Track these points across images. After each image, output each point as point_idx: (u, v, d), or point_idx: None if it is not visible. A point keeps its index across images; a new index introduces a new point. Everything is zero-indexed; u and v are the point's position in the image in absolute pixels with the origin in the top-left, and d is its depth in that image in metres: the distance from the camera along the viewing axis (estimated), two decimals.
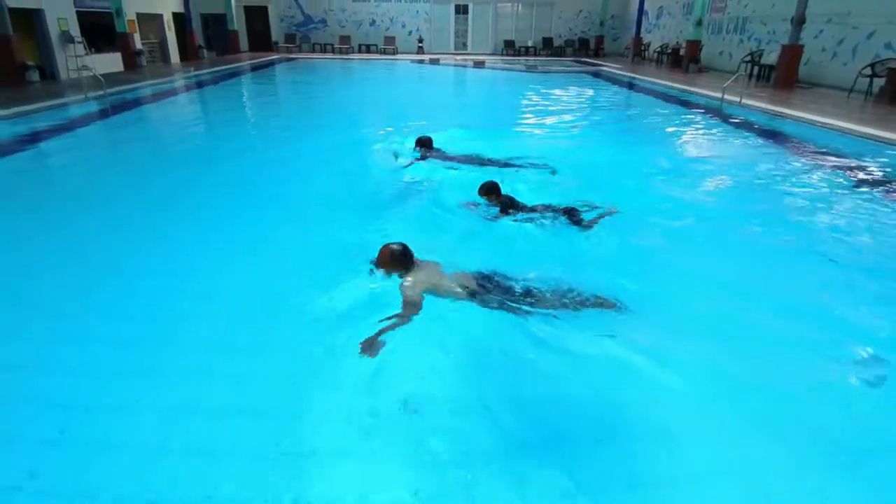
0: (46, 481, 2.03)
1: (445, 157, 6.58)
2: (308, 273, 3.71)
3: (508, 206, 4.68)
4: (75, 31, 15.77)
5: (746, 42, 17.23)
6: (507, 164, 6.36)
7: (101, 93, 10.49)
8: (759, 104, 10.46)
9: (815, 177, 6.15)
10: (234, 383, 2.61)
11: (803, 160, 6.90)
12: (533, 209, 4.71)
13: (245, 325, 3.12)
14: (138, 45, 18.57)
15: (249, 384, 2.60)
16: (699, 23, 17.21)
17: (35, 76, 12.21)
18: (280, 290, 3.46)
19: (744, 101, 10.65)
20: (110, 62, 16.56)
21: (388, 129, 8.50)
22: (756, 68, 15.60)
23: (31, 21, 14.47)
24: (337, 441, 2.24)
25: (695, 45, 17.45)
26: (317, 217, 4.96)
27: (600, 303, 3.23)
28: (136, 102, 11.35)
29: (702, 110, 10.79)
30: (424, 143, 6.69)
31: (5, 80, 11.32)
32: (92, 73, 10.27)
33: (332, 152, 7.46)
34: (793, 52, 13.13)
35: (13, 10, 12.52)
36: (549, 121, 10.10)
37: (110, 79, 13.69)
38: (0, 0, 11.18)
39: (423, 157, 6.54)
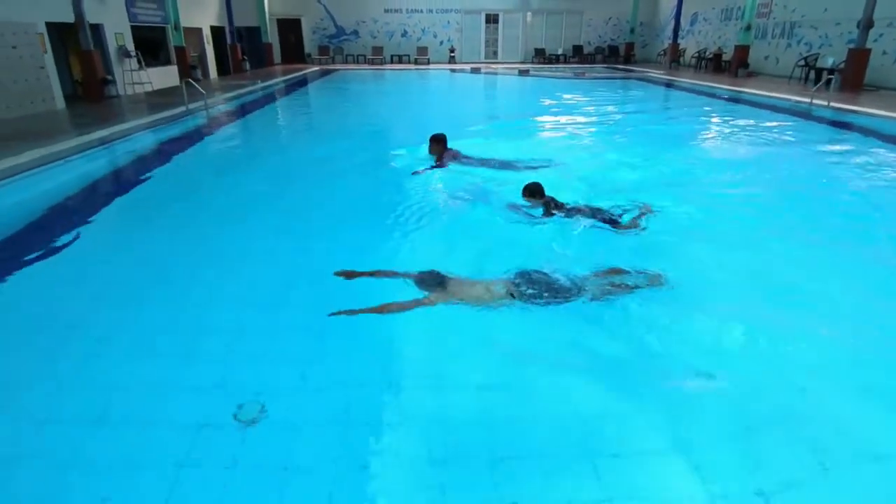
0: None
1: (475, 161, 6.53)
2: None
3: (552, 206, 4.77)
4: (130, 45, 15.70)
5: (795, 46, 17.39)
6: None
7: (201, 103, 10.42)
8: (849, 107, 10.53)
9: None
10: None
11: None
12: (577, 209, 4.79)
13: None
14: None
15: None
16: (748, 28, 17.39)
17: (114, 90, 12.10)
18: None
19: (832, 104, 10.71)
20: (165, 76, 16.50)
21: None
22: (812, 72, 15.72)
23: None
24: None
25: (744, 50, 17.62)
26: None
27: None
28: (238, 113, 11.51)
29: (793, 114, 10.78)
30: (439, 141, 6.48)
31: (89, 94, 11.20)
32: (193, 86, 10.22)
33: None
34: (860, 56, 13.27)
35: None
36: (648, 126, 10.14)
37: (171, 93, 13.68)
38: (81, 15, 11.10)
39: (439, 163, 6.36)
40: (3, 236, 4.48)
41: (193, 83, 10.35)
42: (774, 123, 10.10)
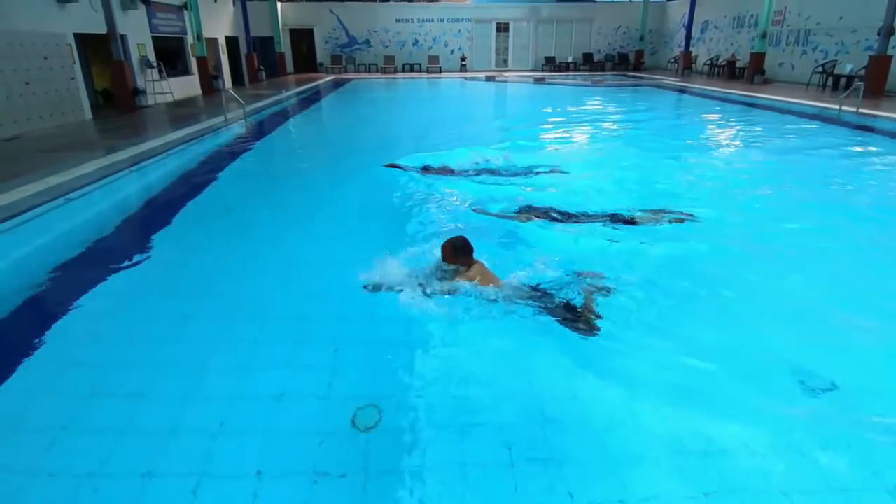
0: None
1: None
2: None
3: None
4: (152, 56, 15.75)
5: (811, 53, 17.52)
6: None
7: (238, 112, 10.44)
8: (881, 113, 10.60)
9: None
10: None
11: None
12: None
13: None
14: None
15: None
16: (764, 35, 17.53)
17: (145, 100, 12.11)
18: None
19: (860, 110, 10.78)
20: (186, 86, 16.54)
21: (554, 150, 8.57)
22: (829, 79, 15.82)
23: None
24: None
25: (760, 57, 17.76)
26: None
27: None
28: (276, 122, 11.64)
29: (824, 121, 10.76)
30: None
31: (120, 104, 11.18)
32: (232, 96, 10.27)
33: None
34: (881, 63, 13.40)
35: (101, 37, 12.35)
36: (686, 132, 10.22)
37: (194, 102, 13.70)
38: (113, 26, 11.13)
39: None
40: (84, 251, 4.46)
41: (233, 93, 10.39)
42: (812, 130, 10.15)
